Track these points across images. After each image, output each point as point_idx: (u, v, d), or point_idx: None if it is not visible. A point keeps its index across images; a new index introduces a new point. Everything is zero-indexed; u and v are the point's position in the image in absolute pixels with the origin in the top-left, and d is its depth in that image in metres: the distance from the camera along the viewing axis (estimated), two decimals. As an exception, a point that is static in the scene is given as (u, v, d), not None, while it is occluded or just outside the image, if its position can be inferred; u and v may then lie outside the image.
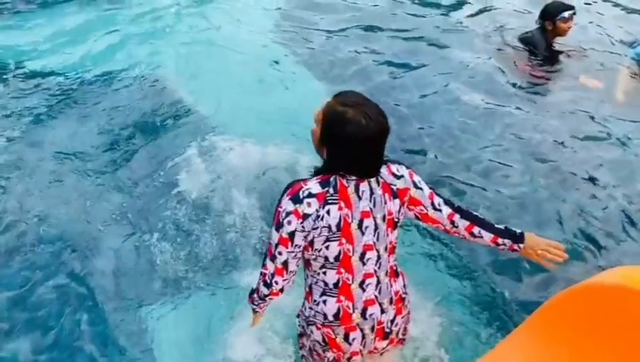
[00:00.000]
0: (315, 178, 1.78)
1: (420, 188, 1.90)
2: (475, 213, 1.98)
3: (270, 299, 1.96)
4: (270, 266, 1.83)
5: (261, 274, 1.88)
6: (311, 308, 1.93)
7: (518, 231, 1.98)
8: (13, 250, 2.96)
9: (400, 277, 2.00)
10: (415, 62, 4.60)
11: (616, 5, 5.51)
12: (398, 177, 1.86)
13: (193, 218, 3.15)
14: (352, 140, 1.67)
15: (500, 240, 1.95)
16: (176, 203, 3.24)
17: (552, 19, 4.21)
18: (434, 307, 2.63)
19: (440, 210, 1.92)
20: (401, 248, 2.64)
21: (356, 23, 5.16)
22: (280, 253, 1.79)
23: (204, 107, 4.06)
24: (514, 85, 4.28)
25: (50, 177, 3.44)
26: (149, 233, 3.07)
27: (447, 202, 1.95)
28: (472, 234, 1.95)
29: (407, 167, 1.92)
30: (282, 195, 1.77)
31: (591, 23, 5.04)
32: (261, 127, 3.81)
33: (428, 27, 5.08)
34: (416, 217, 1.95)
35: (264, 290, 1.90)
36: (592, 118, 3.98)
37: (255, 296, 1.97)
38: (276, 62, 4.61)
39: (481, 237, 1.95)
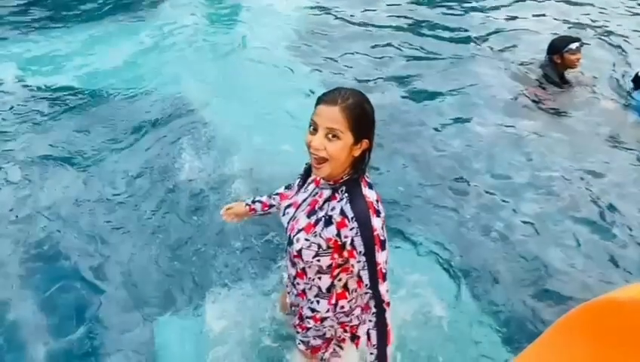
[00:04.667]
0: (361, 185, 1.70)
1: None
2: None
3: None
4: (386, 285, 1.71)
5: (384, 305, 1.71)
6: (350, 305, 1.91)
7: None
8: (28, 260, 3.03)
9: None
10: (427, 85, 4.69)
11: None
12: None
13: (204, 229, 3.20)
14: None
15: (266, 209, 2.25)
16: (184, 214, 3.31)
17: (559, 52, 4.29)
18: (445, 316, 2.70)
19: None
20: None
21: (372, 43, 5.28)
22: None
23: (218, 120, 4.13)
24: (526, 111, 4.34)
25: (62, 189, 3.50)
26: (158, 245, 3.11)
27: None
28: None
29: None
30: (365, 219, 1.64)
31: (610, 46, 5.18)
32: (275, 141, 3.88)
33: (444, 50, 5.18)
34: None
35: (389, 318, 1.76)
36: (601, 146, 4.06)
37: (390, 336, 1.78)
38: (290, 76, 4.73)
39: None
